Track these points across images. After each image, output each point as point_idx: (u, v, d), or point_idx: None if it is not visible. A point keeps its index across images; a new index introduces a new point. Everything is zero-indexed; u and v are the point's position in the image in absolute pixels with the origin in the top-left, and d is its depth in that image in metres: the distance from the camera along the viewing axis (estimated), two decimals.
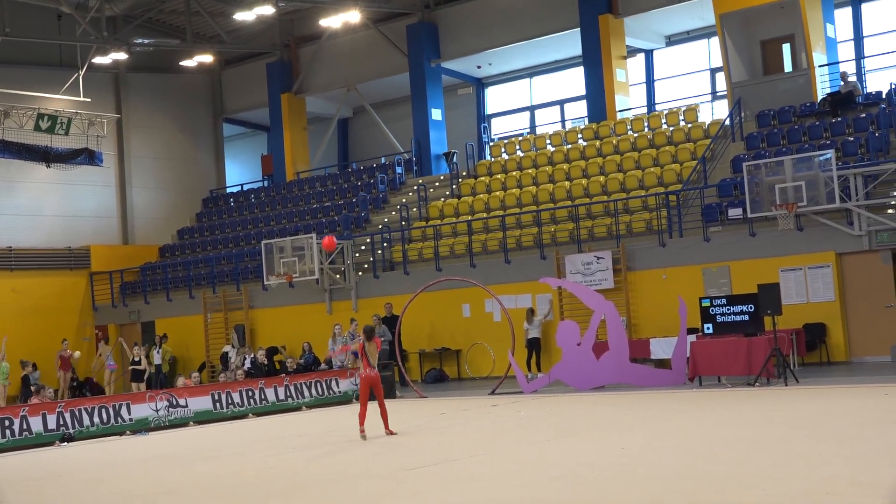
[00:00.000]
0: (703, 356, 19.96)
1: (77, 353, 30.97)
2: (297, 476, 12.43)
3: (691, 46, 33.27)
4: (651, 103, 33.60)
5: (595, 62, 31.78)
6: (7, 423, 18.77)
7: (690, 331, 21.14)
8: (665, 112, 30.59)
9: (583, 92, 33.30)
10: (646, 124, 30.36)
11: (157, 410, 20.69)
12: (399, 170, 35.09)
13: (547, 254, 26.51)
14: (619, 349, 20.99)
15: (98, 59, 35.48)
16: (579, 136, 31.59)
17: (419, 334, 28.05)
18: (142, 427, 20.28)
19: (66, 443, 19.13)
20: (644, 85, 33.93)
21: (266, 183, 40.90)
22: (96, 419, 19.88)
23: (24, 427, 18.95)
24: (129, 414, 20.32)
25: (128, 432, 20.05)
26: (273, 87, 39.44)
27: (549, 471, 11.32)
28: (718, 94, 32.08)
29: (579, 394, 20.72)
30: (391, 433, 16.05)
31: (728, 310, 20.21)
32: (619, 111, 31.75)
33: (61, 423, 19.39)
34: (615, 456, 12.09)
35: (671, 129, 29.48)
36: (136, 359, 28.10)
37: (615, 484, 10.15)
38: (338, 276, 29.98)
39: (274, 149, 40.24)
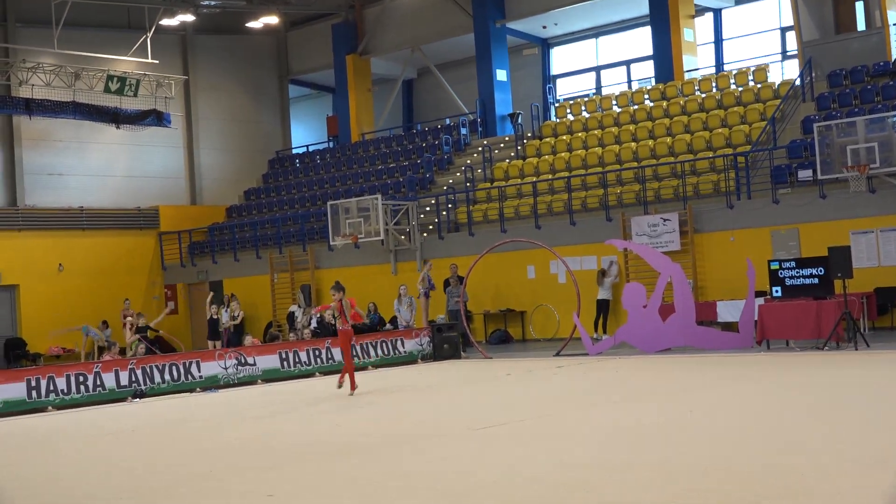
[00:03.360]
0: (772, 319, 19.78)
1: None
2: (365, 436, 12.55)
3: (761, 5, 32.73)
4: (719, 63, 33.15)
5: (662, 22, 31.40)
6: (81, 378, 19.17)
7: (758, 294, 20.95)
8: (734, 72, 30.16)
9: (650, 52, 32.95)
10: (714, 84, 29.97)
11: (225, 368, 20.99)
12: (464, 131, 35.05)
13: (613, 215, 26.37)
14: (685, 312, 20.88)
15: (166, 21, 35.80)
16: (646, 96, 31.28)
17: (484, 295, 28.10)
18: (211, 384, 20.61)
19: (137, 399, 19.51)
20: (712, 45, 33.47)
21: (331, 144, 41.08)
22: (167, 376, 20.23)
23: (98, 383, 19.34)
24: (199, 371, 20.64)
25: (198, 389, 20.39)
26: (338, 49, 39.51)
27: (615, 432, 11.33)
28: (789, 53, 31.57)
29: (645, 356, 20.66)
30: (341, 385, 17.44)
31: (797, 273, 20.00)
32: (687, 71, 31.37)
33: (133, 379, 19.77)
34: (682, 418, 12.06)
35: (740, 89, 29.07)
36: (215, 316, 28.43)
37: (682, 446, 10.13)
38: (403, 237, 30.10)
39: (339, 110, 40.36)
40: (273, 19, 38.22)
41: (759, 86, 28.78)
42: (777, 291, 20.27)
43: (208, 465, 11.12)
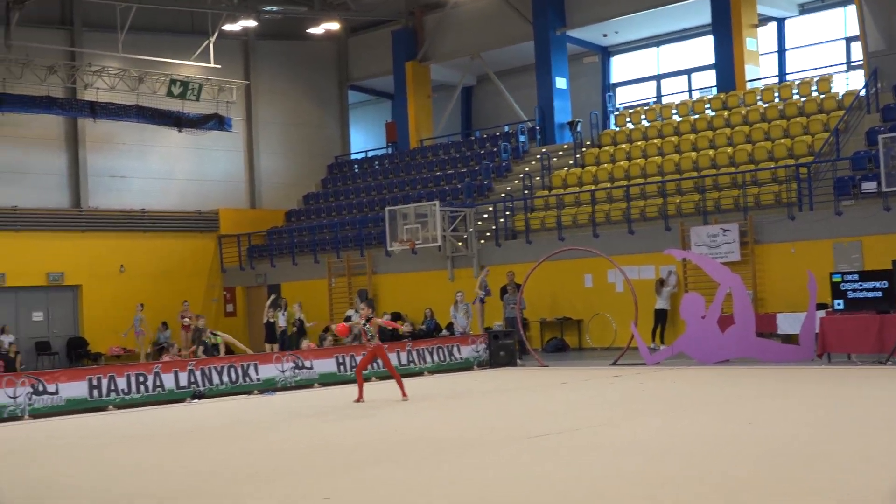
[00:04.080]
0: (833, 332, 19.53)
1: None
2: (423, 440, 12.58)
3: (826, 15, 32.33)
4: (782, 73, 32.80)
5: (725, 31, 31.14)
6: (141, 379, 19.41)
7: (819, 306, 20.69)
8: (797, 82, 29.83)
9: (711, 61, 32.68)
10: (776, 94, 29.66)
11: (283, 371, 21.14)
12: (522, 138, 35.01)
13: (671, 225, 26.20)
14: (745, 323, 20.69)
15: (228, 27, 36.17)
16: (707, 105, 31.04)
17: (541, 303, 28.03)
18: (268, 387, 20.76)
19: (196, 400, 19.70)
20: (775, 54, 33.13)
21: (390, 150, 41.24)
22: (225, 378, 20.41)
23: (158, 383, 19.56)
24: (257, 374, 20.81)
25: (255, 391, 20.55)
26: (398, 55, 39.67)
27: (670, 443, 11.26)
28: (853, 64, 31.15)
29: (703, 367, 20.50)
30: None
31: (860, 286, 19.75)
32: (749, 81, 31.07)
33: (192, 380, 19.97)
34: (740, 430, 11.94)
35: (803, 99, 28.75)
36: (272, 319, 28.65)
37: (741, 458, 10.04)
38: (460, 243, 30.13)
39: (398, 116, 40.52)
40: (334, 25, 38.47)
41: (822, 96, 28.44)
42: (839, 304, 20.03)
43: (265, 467, 11.21)
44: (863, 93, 27.33)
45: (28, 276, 33.10)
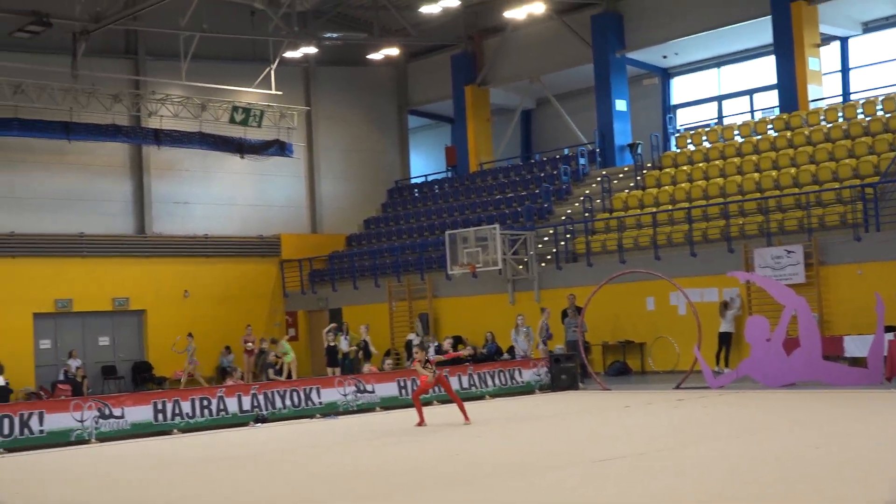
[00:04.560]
0: None
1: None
2: (485, 464, 12.52)
3: (890, 33, 31.91)
4: (846, 93, 32.40)
5: (787, 51, 30.84)
6: (206, 402, 19.58)
7: (888, 329, 20.33)
8: (861, 101, 29.45)
9: (773, 81, 32.38)
10: (840, 114, 29.29)
11: (345, 395, 21.20)
12: (582, 161, 34.92)
13: (735, 247, 25.94)
14: (810, 346, 20.36)
15: (289, 54, 36.57)
16: (769, 126, 30.73)
17: (602, 326, 27.85)
18: (330, 411, 20.83)
19: (259, 423, 19.82)
20: (839, 73, 32.75)
21: (450, 174, 41.34)
22: (288, 402, 20.53)
23: (221, 407, 19.73)
24: (319, 398, 20.90)
25: (317, 415, 20.62)
26: (457, 79, 39.81)
27: (736, 467, 11.10)
28: None
29: (769, 391, 20.20)
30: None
31: None
32: (812, 101, 30.72)
33: (255, 404, 20.11)
34: (808, 453, 11.75)
35: (868, 118, 28.37)
36: (332, 343, 28.78)
37: (808, 482, 9.87)
38: (521, 266, 30.08)
39: (458, 140, 40.62)
40: (393, 51, 38.73)
41: (888, 115, 28.03)
42: None
43: (327, 491, 11.23)
44: None
45: (94, 302, 33.62)
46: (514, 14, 34.20)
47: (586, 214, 31.23)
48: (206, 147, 35.29)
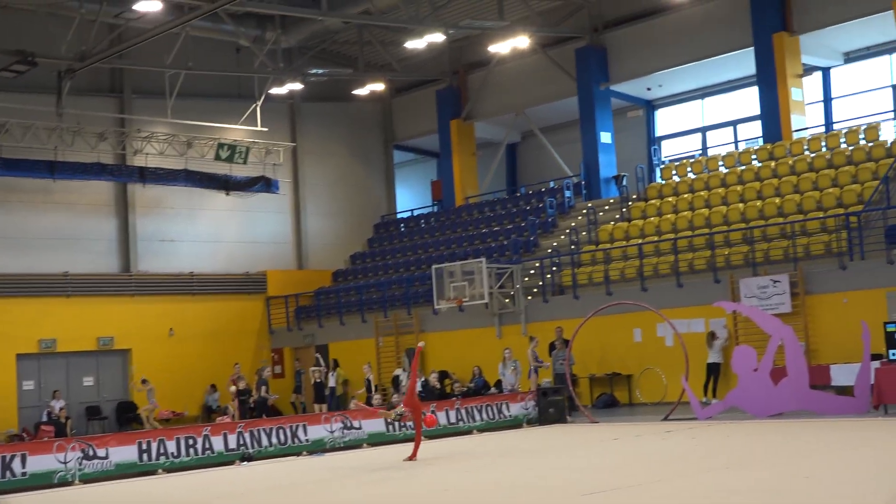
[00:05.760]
0: (889, 383, 19.16)
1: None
2: (471, 499, 12.42)
3: (871, 63, 32.12)
4: (829, 122, 32.56)
5: (769, 81, 31.00)
6: (191, 441, 19.42)
7: (874, 357, 20.30)
8: (844, 131, 29.58)
9: (756, 112, 32.52)
10: (823, 144, 29.41)
11: (331, 432, 21.07)
12: (568, 193, 34.95)
13: (720, 277, 25.95)
14: (798, 375, 20.35)
15: (274, 90, 36.59)
16: (753, 157, 30.82)
17: (589, 359, 27.78)
18: (317, 448, 20.68)
19: (246, 462, 19.66)
20: (821, 104, 32.91)
21: (436, 208, 41.34)
22: (274, 439, 20.39)
23: (207, 446, 19.57)
24: (306, 435, 20.77)
25: (304, 453, 20.47)
26: (442, 114, 39.90)
27: (730, 499, 11.02)
28: None
29: (757, 421, 20.16)
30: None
31: None
32: (795, 131, 30.85)
33: (241, 442, 19.96)
34: (799, 483, 11.68)
35: (851, 148, 28.48)
36: (319, 380, 28.65)
37: None
38: (507, 300, 30.02)
39: (443, 174, 40.67)
40: (379, 86, 38.82)
41: (870, 144, 28.16)
42: (894, 354, 19.64)
43: None
44: None
45: (79, 341, 33.34)
46: (499, 48, 34.29)
47: (572, 247, 31.23)
48: (191, 184, 35.21)
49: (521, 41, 33.18)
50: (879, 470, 12.61)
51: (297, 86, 36.97)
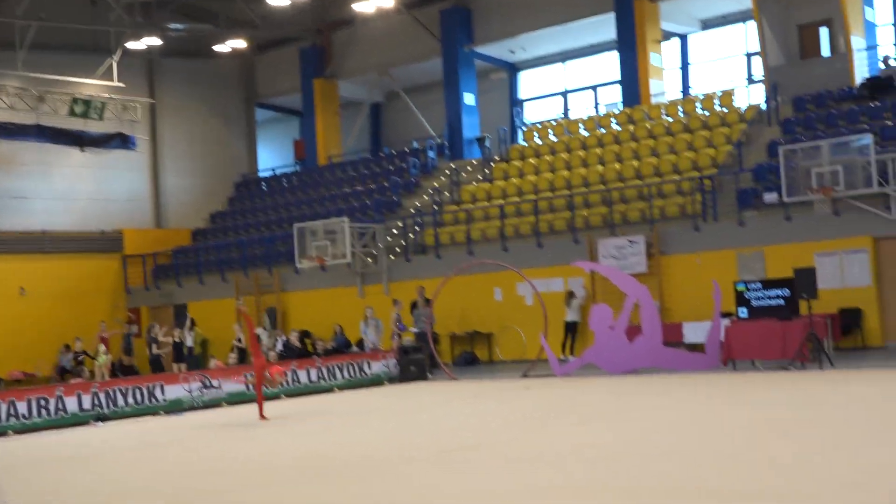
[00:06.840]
0: (738, 340, 19.82)
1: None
2: (332, 459, 12.38)
3: (727, 30, 32.97)
4: (686, 88, 33.34)
5: (629, 46, 31.58)
6: (43, 402, 18.90)
7: (724, 315, 20.98)
8: (700, 96, 30.33)
9: (617, 76, 33.10)
10: (680, 109, 30.12)
11: (190, 392, 20.78)
12: (431, 154, 35.03)
13: (580, 238, 26.40)
14: (652, 333, 20.89)
15: (132, 45, 35.64)
16: (613, 120, 31.39)
17: (450, 318, 28.00)
18: (175, 408, 20.37)
19: (100, 422, 19.24)
20: (679, 69, 33.67)
21: (298, 167, 40.95)
22: (130, 400, 20.00)
23: (60, 407, 19.07)
24: (163, 395, 20.43)
25: (162, 413, 20.14)
26: (306, 72, 39.47)
27: (585, 453, 11.25)
28: (754, 78, 31.79)
29: (612, 377, 20.63)
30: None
31: (763, 294, 20.05)
32: (654, 95, 31.53)
33: (96, 403, 19.51)
34: (651, 438, 11.99)
35: (706, 113, 29.24)
36: (177, 339, 28.14)
37: (652, 466, 10.07)
38: (369, 259, 29.99)
39: (306, 133, 40.29)
40: (240, 43, 38.14)
41: (725, 110, 28.96)
42: (743, 312, 20.31)
43: (171, 487, 10.94)
44: (763, 106, 27.92)
45: None
46: (363, 7, 34.04)
47: (435, 207, 31.34)
48: (43, 140, 34.08)
49: (385, 0, 32.96)
50: (726, 423, 13.03)
51: (156, 41, 36.08)
